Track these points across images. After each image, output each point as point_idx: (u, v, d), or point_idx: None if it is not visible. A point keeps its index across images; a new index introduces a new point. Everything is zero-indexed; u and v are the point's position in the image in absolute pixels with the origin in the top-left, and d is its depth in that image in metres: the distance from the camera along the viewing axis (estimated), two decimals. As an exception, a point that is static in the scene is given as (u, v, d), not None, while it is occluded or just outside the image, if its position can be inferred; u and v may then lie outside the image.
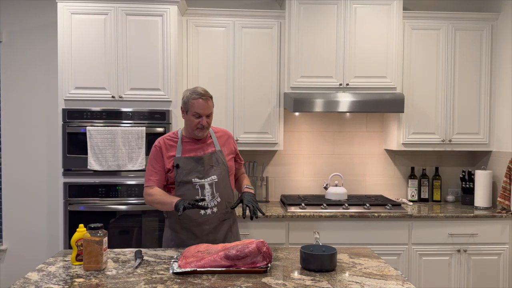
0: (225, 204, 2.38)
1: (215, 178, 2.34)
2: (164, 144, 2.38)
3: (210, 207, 2.32)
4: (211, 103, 2.34)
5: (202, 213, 2.31)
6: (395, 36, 3.45)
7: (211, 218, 2.33)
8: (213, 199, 2.34)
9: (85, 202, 3.17)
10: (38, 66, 3.71)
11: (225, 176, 2.38)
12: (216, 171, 2.36)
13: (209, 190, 2.33)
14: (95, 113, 3.16)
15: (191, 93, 2.31)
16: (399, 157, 3.92)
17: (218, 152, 2.40)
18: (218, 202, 2.35)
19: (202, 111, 2.29)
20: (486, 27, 3.60)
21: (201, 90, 2.32)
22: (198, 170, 2.32)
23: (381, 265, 2.02)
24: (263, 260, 1.88)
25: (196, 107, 2.28)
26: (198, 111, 2.28)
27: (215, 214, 2.34)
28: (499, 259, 3.32)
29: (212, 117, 2.37)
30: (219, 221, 2.37)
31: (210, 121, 2.36)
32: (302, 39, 3.42)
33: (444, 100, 3.59)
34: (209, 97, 2.33)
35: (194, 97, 2.29)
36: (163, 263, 2.02)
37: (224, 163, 2.39)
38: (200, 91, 2.30)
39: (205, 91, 2.32)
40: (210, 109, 2.33)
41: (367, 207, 3.32)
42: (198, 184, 2.31)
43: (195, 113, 2.29)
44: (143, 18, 3.18)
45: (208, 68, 3.48)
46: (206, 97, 2.31)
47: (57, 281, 1.78)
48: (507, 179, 3.34)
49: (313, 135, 3.87)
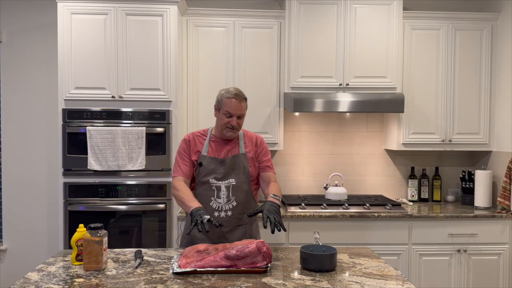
0: (241, 209, 2.34)
1: (233, 181, 2.32)
2: (193, 139, 2.39)
3: (224, 209, 2.31)
4: (245, 105, 2.33)
5: (216, 215, 2.29)
6: (395, 36, 3.45)
7: (224, 221, 2.28)
8: (228, 202, 2.32)
9: (85, 202, 3.17)
10: (38, 66, 3.71)
11: (244, 181, 2.35)
12: (236, 175, 2.33)
13: (225, 192, 2.31)
14: (95, 113, 3.16)
15: (226, 92, 2.31)
16: (399, 157, 3.92)
17: (241, 155, 2.37)
18: (233, 206, 2.32)
19: (233, 111, 2.28)
20: (486, 27, 3.60)
21: (236, 90, 2.32)
22: (218, 172, 2.32)
23: (381, 265, 2.02)
24: (263, 260, 1.88)
25: (228, 106, 2.28)
26: (230, 111, 2.28)
27: (229, 217, 2.31)
28: (499, 259, 3.32)
29: (243, 119, 2.35)
30: (233, 225, 2.34)
31: (241, 123, 2.34)
32: (302, 39, 3.42)
33: (444, 100, 3.59)
34: (243, 98, 2.32)
35: (228, 96, 2.28)
36: (163, 263, 2.02)
37: (245, 168, 2.35)
38: (235, 91, 2.30)
39: (240, 92, 2.32)
40: (243, 110, 2.32)
41: (367, 207, 3.32)
42: (215, 185, 2.31)
43: (227, 112, 2.28)
44: (143, 18, 3.18)
45: (208, 68, 3.48)
46: (240, 97, 2.30)
47: (57, 281, 1.78)
48: (507, 179, 3.34)
49: (313, 135, 3.87)
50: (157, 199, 3.20)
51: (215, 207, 2.31)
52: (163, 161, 3.20)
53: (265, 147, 2.47)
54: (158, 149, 3.19)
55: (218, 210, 2.31)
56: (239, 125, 2.32)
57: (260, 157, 2.43)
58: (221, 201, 2.31)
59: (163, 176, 3.20)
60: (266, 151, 2.46)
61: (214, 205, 2.31)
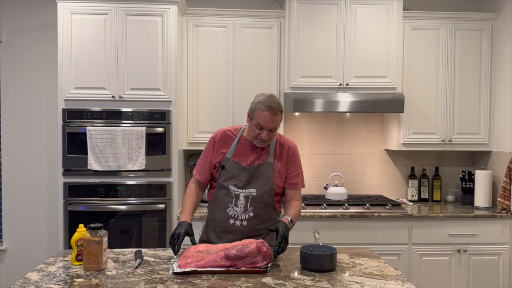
0: (258, 221, 2.24)
1: (253, 191, 2.21)
2: (221, 138, 2.28)
3: (240, 219, 2.22)
4: (279, 117, 2.17)
5: (231, 222, 2.23)
6: (395, 36, 3.45)
7: (238, 230, 2.22)
8: (245, 212, 2.22)
9: (85, 202, 3.17)
10: (38, 66, 3.71)
11: (266, 192, 2.23)
12: (258, 185, 2.22)
13: (243, 202, 2.21)
14: (95, 113, 3.16)
15: (262, 102, 2.13)
16: (399, 157, 3.92)
17: (268, 165, 2.23)
18: (250, 217, 2.22)
19: (265, 125, 2.13)
20: (486, 27, 3.60)
21: (272, 101, 2.14)
22: (239, 178, 2.22)
23: (381, 265, 2.02)
24: (263, 260, 1.88)
25: (261, 119, 2.13)
26: (262, 123, 2.13)
27: (244, 227, 2.22)
28: (499, 259, 3.32)
29: (276, 131, 2.22)
30: (247, 235, 2.21)
31: (272, 136, 2.19)
32: (302, 39, 3.42)
33: (444, 100, 3.59)
34: (278, 111, 2.15)
35: (262, 108, 2.12)
36: (163, 263, 2.02)
37: (270, 179, 2.23)
38: (270, 103, 2.12)
39: (277, 105, 2.15)
40: (276, 124, 2.16)
41: (367, 207, 3.32)
42: (234, 193, 2.23)
43: (258, 124, 2.14)
44: (143, 18, 3.18)
45: (208, 68, 3.48)
46: (275, 111, 2.13)
47: (57, 281, 1.78)
48: (507, 179, 3.34)
49: (313, 135, 3.87)
50: (157, 199, 3.20)
51: (231, 215, 2.24)
52: (163, 161, 3.19)
53: (297, 159, 2.32)
54: (158, 149, 3.19)
55: (234, 218, 2.23)
56: (270, 138, 2.18)
57: (290, 170, 2.29)
58: (238, 210, 2.22)
59: (163, 176, 3.20)
60: (298, 165, 2.32)
61: (231, 212, 2.24)
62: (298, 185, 2.32)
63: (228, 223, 2.24)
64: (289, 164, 2.29)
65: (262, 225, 2.25)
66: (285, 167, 2.28)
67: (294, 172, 2.30)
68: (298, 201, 2.31)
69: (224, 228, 2.26)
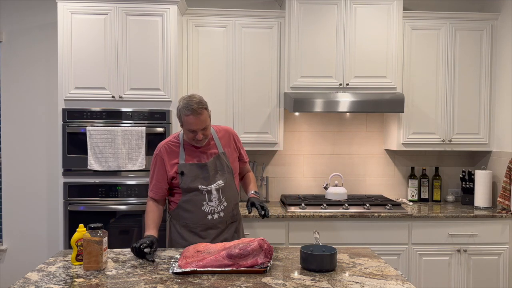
0: (231, 208, 2.37)
1: (221, 183, 2.32)
2: (165, 151, 2.32)
3: (217, 211, 2.31)
4: (205, 115, 2.19)
5: (209, 218, 2.30)
6: (395, 36, 3.45)
7: (218, 223, 2.33)
8: (220, 204, 2.32)
9: (85, 202, 3.17)
10: (38, 66, 3.71)
11: (230, 179, 2.36)
12: (222, 176, 2.32)
13: (216, 195, 2.30)
14: (95, 113, 3.16)
15: (183, 108, 2.17)
16: (399, 157, 3.92)
17: (222, 155, 2.35)
18: (224, 207, 2.33)
19: (196, 127, 2.19)
20: (486, 27, 3.60)
21: (193, 104, 2.15)
22: (203, 176, 2.29)
23: (381, 265, 2.02)
24: (265, 257, 1.89)
25: (189, 124, 2.19)
26: (192, 127, 2.19)
27: (222, 218, 2.33)
28: (499, 259, 3.32)
29: (209, 128, 2.26)
30: (226, 224, 2.37)
31: (207, 133, 2.25)
32: (302, 39, 3.42)
33: (444, 100, 3.59)
34: (202, 110, 2.17)
35: (186, 113, 2.16)
36: (163, 263, 2.02)
37: (228, 166, 2.36)
38: (192, 106, 2.14)
39: (198, 104, 2.16)
40: (204, 123, 2.20)
41: (367, 207, 3.32)
42: (205, 190, 2.29)
43: (189, 128, 2.21)
44: (143, 18, 3.18)
45: (208, 68, 3.48)
46: (198, 112, 2.15)
47: (57, 281, 1.78)
48: (507, 179, 3.34)
49: (313, 135, 3.87)
50: (157, 199, 3.20)
51: (208, 211, 2.30)
52: (163, 161, 3.19)
53: (239, 139, 2.50)
54: (158, 149, 3.19)
55: (211, 213, 2.30)
56: (205, 136, 2.24)
57: (241, 152, 2.49)
58: (213, 204, 2.30)
59: (163, 176, 3.20)
60: (241, 143, 2.51)
61: (207, 209, 2.30)
62: (246, 159, 2.55)
63: (207, 220, 2.30)
64: (238, 147, 2.47)
65: (234, 210, 2.41)
66: (237, 150, 2.45)
67: (243, 152, 2.51)
68: (250, 172, 2.61)
69: (203, 226, 2.31)
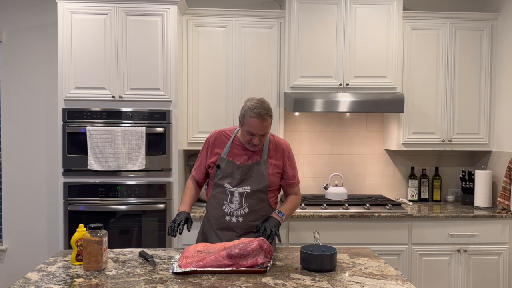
0: (254, 217, 2.29)
1: (247, 188, 2.27)
2: (216, 139, 2.37)
3: (236, 215, 2.28)
4: (269, 122, 2.20)
5: (227, 219, 2.29)
6: (395, 36, 3.45)
7: (235, 226, 2.28)
8: (241, 208, 2.28)
9: (85, 202, 3.17)
10: (38, 66, 3.71)
11: (261, 189, 2.29)
12: (252, 183, 2.27)
13: (237, 198, 2.28)
14: (95, 113, 3.16)
15: (250, 109, 2.17)
16: (399, 157, 3.92)
17: (262, 164, 2.29)
18: (245, 213, 2.28)
19: (255, 131, 2.18)
20: (486, 27, 3.60)
21: (260, 107, 2.16)
22: (234, 176, 2.28)
23: (381, 265, 2.02)
24: (265, 257, 1.89)
25: (251, 126, 2.17)
26: (252, 130, 2.18)
27: (240, 223, 2.28)
28: (499, 259, 3.32)
29: (267, 135, 2.27)
30: (243, 231, 2.30)
31: (263, 140, 2.25)
32: (302, 39, 3.42)
33: (444, 100, 3.59)
34: (267, 117, 2.18)
35: (251, 115, 2.16)
36: (163, 263, 2.02)
37: (264, 176, 2.28)
38: (260, 110, 2.15)
39: (266, 110, 2.17)
40: (266, 129, 2.20)
41: (367, 207, 3.32)
42: (229, 190, 2.29)
43: (249, 131, 2.19)
44: (143, 18, 3.18)
45: (208, 68, 3.48)
46: (264, 118, 2.16)
47: (57, 281, 1.78)
48: (507, 179, 3.34)
49: (313, 135, 3.87)
50: (157, 199, 3.20)
51: (227, 211, 2.29)
52: (163, 161, 3.19)
53: (293, 161, 2.40)
54: (158, 149, 3.19)
55: (230, 214, 2.28)
56: (261, 142, 2.24)
57: (288, 172, 2.37)
58: (233, 206, 2.28)
59: (163, 176, 3.20)
60: (294, 165, 2.40)
61: (226, 209, 2.29)
62: (295, 183, 2.44)
63: (224, 220, 2.30)
64: (288, 166, 2.37)
65: (258, 221, 2.31)
66: (282, 167, 2.36)
67: (291, 173, 2.40)
68: (295, 195, 2.46)
69: (221, 225, 2.31)
